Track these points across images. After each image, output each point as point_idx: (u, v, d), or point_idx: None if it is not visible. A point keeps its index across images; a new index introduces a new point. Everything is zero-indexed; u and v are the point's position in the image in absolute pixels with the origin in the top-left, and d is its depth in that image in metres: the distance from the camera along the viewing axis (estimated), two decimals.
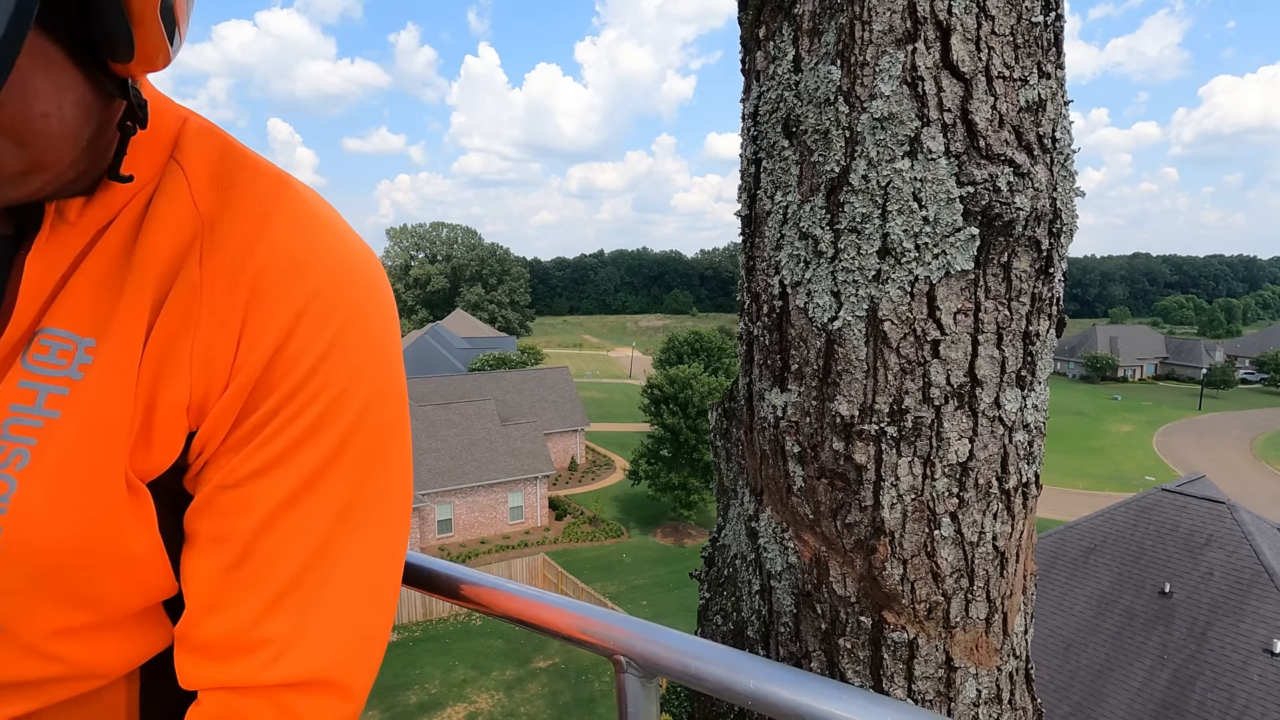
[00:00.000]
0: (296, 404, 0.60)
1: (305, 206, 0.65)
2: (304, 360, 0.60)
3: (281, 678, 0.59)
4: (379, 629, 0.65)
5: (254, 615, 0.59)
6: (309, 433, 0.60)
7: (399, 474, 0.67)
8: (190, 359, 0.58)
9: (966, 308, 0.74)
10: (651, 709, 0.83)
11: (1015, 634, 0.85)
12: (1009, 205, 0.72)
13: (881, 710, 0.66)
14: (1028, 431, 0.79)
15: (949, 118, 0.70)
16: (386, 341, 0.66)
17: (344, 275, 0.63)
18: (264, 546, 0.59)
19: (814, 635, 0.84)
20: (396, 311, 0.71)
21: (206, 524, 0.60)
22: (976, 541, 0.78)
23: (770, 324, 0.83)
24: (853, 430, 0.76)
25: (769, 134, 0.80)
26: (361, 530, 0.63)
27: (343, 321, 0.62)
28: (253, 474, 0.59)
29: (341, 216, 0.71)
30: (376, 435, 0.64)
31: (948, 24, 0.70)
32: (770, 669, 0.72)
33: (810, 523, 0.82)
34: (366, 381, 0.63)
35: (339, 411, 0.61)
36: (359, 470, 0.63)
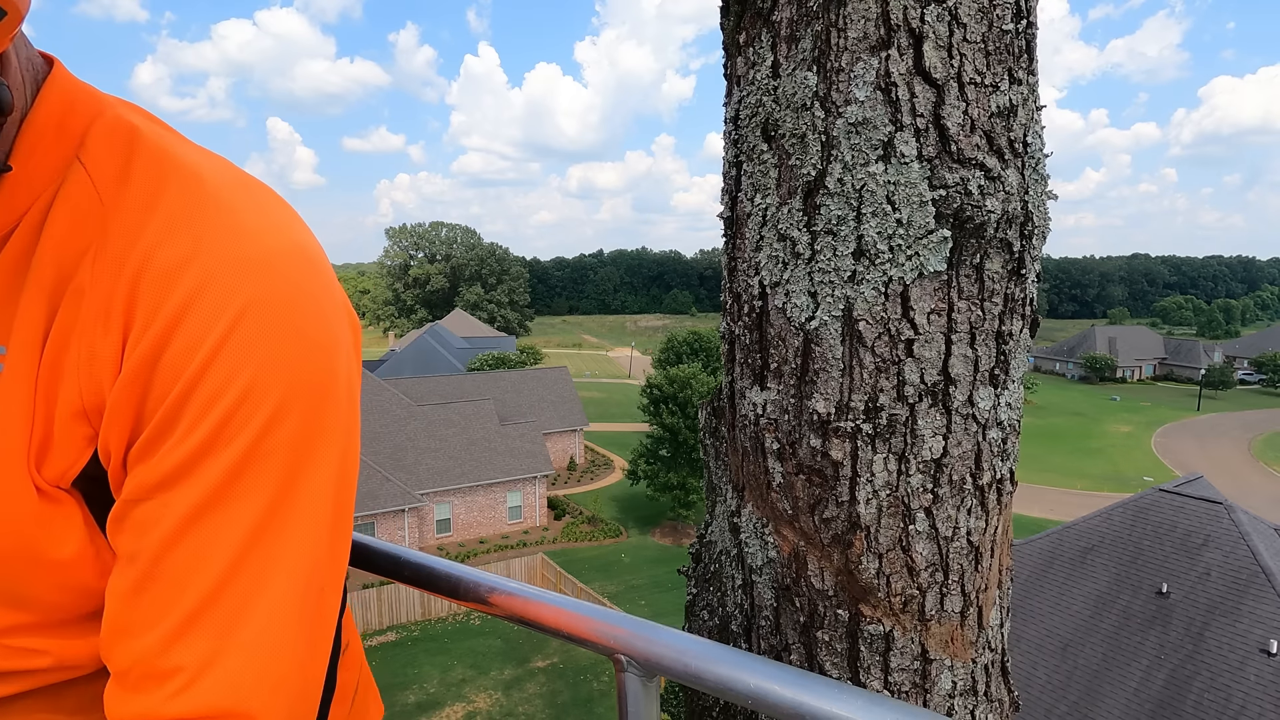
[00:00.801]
0: (196, 406, 0.55)
1: (198, 192, 0.61)
2: (195, 356, 0.55)
3: (188, 711, 0.54)
4: (305, 657, 0.60)
5: (162, 642, 0.55)
6: (214, 438, 0.55)
7: (330, 481, 0.61)
8: (78, 362, 0.57)
9: (940, 308, 0.76)
10: (652, 708, 0.84)
11: (990, 627, 0.87)
12: (980, 208, 0.73)
13: (883, 711, 0.67)
14: (1001, 429, 0.81)
15: (922, 123, 0.72)
16: (309, 332, 0.60)
17: (240, 261, 0.58)
18: (171, 566, 0.55)
19: (793, 628, 0.86)
20: (333, 301, 0.65)
21: (119, 540, 0.57)
22: (951, 536, 0.80)
23: (750, 323, 0.85)
24: (829, 427, 0.78)
25: (749, 138, 0.82)
26: (283, 547, 0.58)
27: (239, 311, 0.56)
28: (159, 485, 0.56)
29: (268, 200, 0.66)
30: (298, 438, 0.58)
31: (920, 31, 0.72)
32: (771, 668, 0.73)
33: (789, 518, 0.83)
34: (280, 377, 0.57)
35: (247, 413, 0.56)
36: (277, 478, 0.57)
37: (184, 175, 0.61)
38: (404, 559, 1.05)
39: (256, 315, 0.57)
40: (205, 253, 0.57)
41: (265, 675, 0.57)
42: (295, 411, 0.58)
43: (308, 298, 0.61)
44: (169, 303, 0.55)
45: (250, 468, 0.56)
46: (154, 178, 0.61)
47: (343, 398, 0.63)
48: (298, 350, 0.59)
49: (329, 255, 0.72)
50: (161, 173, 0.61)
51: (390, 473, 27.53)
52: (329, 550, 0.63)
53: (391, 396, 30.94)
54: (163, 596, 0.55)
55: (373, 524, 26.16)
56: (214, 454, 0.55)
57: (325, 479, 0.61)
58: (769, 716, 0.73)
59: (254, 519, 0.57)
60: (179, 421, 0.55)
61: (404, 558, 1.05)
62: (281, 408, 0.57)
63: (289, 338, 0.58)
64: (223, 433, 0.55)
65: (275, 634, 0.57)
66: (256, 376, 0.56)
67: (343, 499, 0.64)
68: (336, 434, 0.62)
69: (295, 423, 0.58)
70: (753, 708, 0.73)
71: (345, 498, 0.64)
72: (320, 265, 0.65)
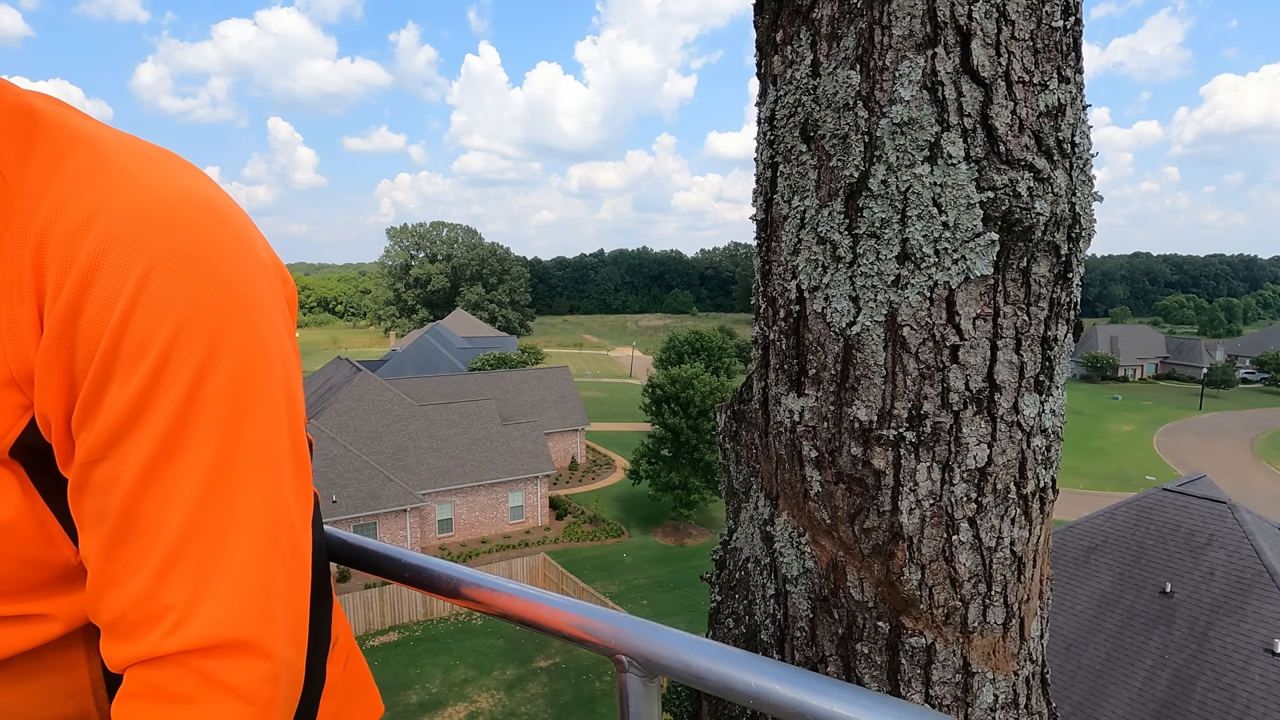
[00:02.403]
0: (125, 360, 0.57)
1: (95, 158, 0.61)
2: (113, 310, 0.56)
3: (187, 643, 0.57)
4: (285, 582, 0.63)
5: (148, 586, 0.58)
6: (151, 387, 0.57)
7: (278, 418, 0.63)
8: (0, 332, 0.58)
9: (985, 313, 0.74)
10: (653, 708, 0.83)
11: (1032, 638, 0.85)
12: (1029, 210, 0.72)
13: (883, 709, 0.66)
14: (1045, 436, 0.79)
15: (969, 123, 0.70)
16: (225, 276, 0.61)
17: (143, 214, 0.58)
18: (141, 515, 0.58)
19: (830, 640, 0.84)
20: (247, 251, 0.65)
21: (85, 503, 0.59)
22: (994, 547, 0.78)
23: (787, 328, 0.83)
24: (871, 435, 0.76)
25: (786, 138, 0.80)
26: (242, 482, 0.60)
27: (150, 261, 0.57)
28: (109, 443, 0.57)
29: (170, 162, 0.66)
30: (236, 376, 0.60)
31: (968, 29, 0.70)
32: (772, 668, 0.72)
33: (827, 528, 0.82)
34: (205, 320, 0.59)
35: (180, 358, 0.58)
36: (223, 416, 0.59)
37: (82, 144, 0.62)
38: (404, 560, 1.04)
39: (169, 264, 0.58)
40: (106, 211, 0.58)
41: (253, 604, 0.59)
42: (228, 351, 0.60)
43: (218, 244, 0.61)
44: (77, 262, 0.56)
45: (195, 409, 0.58)
46: (53, 151, 0.61)
47: (271, 341, 0.64)
48: (217, 294, 0.60)
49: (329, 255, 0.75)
50: (59, 146, 0.62)
51: (392, 473, 27.52)
52: (293, 485, 0.65)
53: (393, 396, 30.93)
54: (138, 545, 0.58)
55: (374, 524, 26.15)
56: (155, 402, 0.57)
57: (273, 415, 0.63)
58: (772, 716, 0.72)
59: (210, 458, 0.59)
60: (112, 377, 0.57)
61: (405, 560, 1.04)
62: (212, 348, 0.59)
63: (206, 282, 0.59)
64: (159, 381, 0.57)
65: (255, 566, 0.60)
66: (182, 322, 0.57)
67: (296, 437, 0.66)
68: (275, 373, 0.63)
69: (230, 362, 0.60)
70: (754, 708, 0.71)
71: (298, 436, 0.66)
72: (229, 215, 0.65)
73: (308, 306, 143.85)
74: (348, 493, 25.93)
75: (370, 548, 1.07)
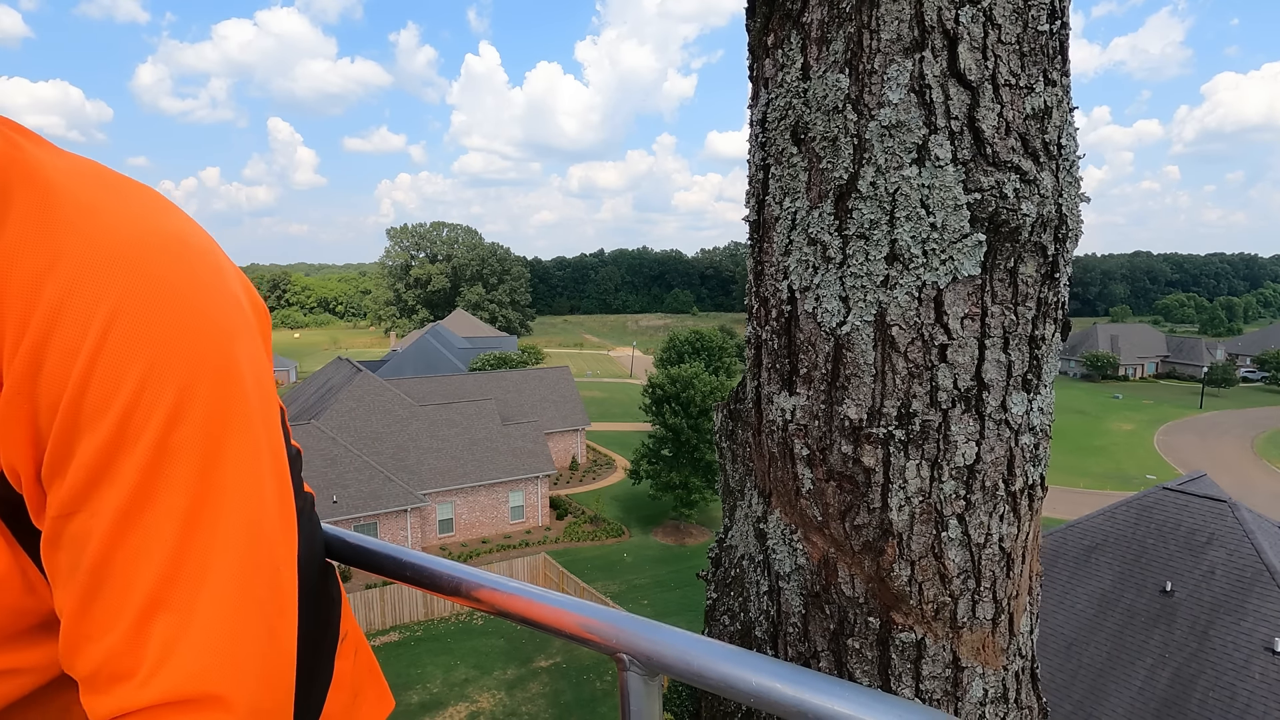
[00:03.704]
0: (89, 412, 0.55)
1: (47, 196, 0.58)
2: (75, 363, 0.54)
3: (157, 698, 0.56)
4: (262, 627, 0.61)
5: (121, 641, 0.56)
6: (118, 438, 0.55)
7: (257, 460, 0.62)
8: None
9: (973, 312, 0.75)
10: (654, 707, 0.83)
11: (1021, 634, 0.86)
12: (1015, 211, 0.73)
13: (883, 707, 0.67)
14: (1034, 434, 0.80)
15: (956, 125, 0.71)
16: (194, 319, 0.58)
17: (103, 258, 0.56)
18: (114, 568, 0.56)
19: (822, 636, 0.85)
20: (218, 286, 0.62)
21: (59, 556, 0.58)
22: (983, 543, 0.79)
23: (779, 328, 0.84)
24: (861, 433, 0.77)
25: (777, 140, 0.81)
26: (221, 530, 0.59)
27: (112, 309, 0.55)
28: (79, 496, 0.56)
29: (131, 191, 0.63)
30: (209, 421, 0.58)
31: (955, 33, 0.71)
32: (772, 666, 0.73)
33: (819, 524, 0.83)
34: (174, 365, 0.57)
35: (148, 407, 0.56)
36: (196, 463, 0.58)
37: (32, 181, 0.59)
38: (406, 560, 1.05)
39: (133, 307, 0.56)
40: (64, 257, 0.55)
41: (226, 656, 0.58)
42: (200, 396, 0.58)
43: (186, 281, 0.59)
44: (36, 316, 0.54)
45: (166, 459, 0.56)
46: (1, 189, 0.58)
47: (248, 380, 0.62)
48: (186, 334, 0.58)
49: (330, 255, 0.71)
50: (6, 183, 0.58)
51: (392, 473, 27.55)
52: (277, 519, 0.63)
53: (393, 397, 30.95)
54: (113, 599, 0.56)
55: (375, 524, 26.17)
56: (124, 452, 0.55)
57: (252, 452, 0.61)
58: (771, 714, 0.73)
59: (184, 506, 0.57)
60: (79, 430, 0.55)
61: (406, 559, 1.05)
62: (183, 391, 0.57)
63: (174, 323, 0.57)
64: (127, 430, 0.55)
65: (229, 616, 0.58)
66: (149, 367, 0.56)
67: (278, 469, 0.64)
68: (252, 414, 0.61)
69: (202, 406, 0.58)
70: (755, 706, 0.72)
71: (279, 468, 0.64)
72: (198, 250, 0.62)
73: (308, 307, 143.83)
74: (348, 493, 25.95)
75: (371, 547, 1.08)
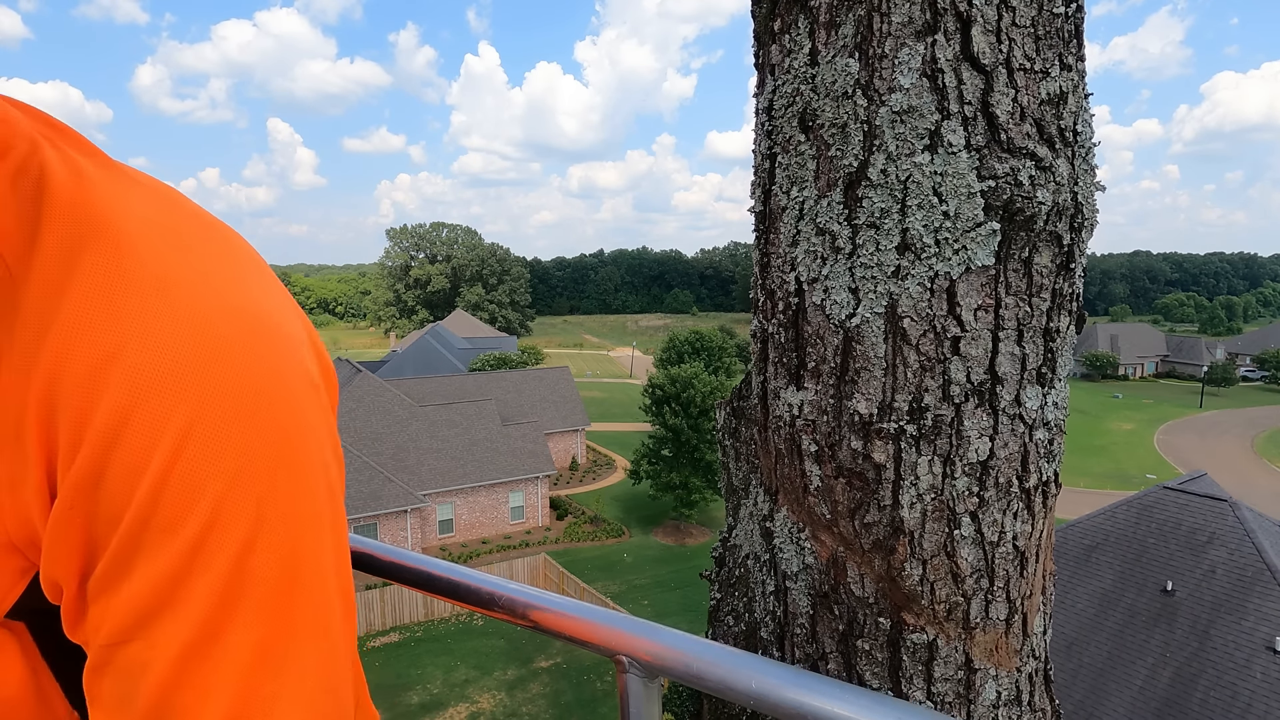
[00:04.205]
0: (157, 530, 0.48)
1: (118, 261, 0.49)
2: (142, 477, 0.47)
3: None
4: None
5: None
6: (188, 563, 0.48)
7: (327, 568, 0.55)
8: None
9: (987, 304, 0.73)
10: (653, 709, 0.82)
11: (1035, 635, 0.84)
12: (1031, 199, 0.70)
13: (884, 709, 0.66)
14: (1048, 429, 0.78)
15: (970, 110, 0.69)
16: (277, 420, 0.51)
17: (180, 350, 0.48)
18: (176, 705, 0.49)
19: (831, 637, 0.83)
20: (292, 360, 0.54)
21: (105, 684, 0.51)
22: (997, 541, 0.77)
23: (786, 321, 0.82)
24: (871, 429, 0.75)
25: (784, 128, 0.79)
26: (291, 658, 0.52)
27: (189, 417, 0.47)
28: (138, 623, 0.49)
29: (206, 251, 0.54)
30: (286, 538, 0.51)
31: (968, 15, 0.69)
32: (772, 668, 0.72)
33: (828, 523, 0.80)
34: (253, 480, 0.49)
35: (224, 529, 0.48)
36: (273, 589, 0.51)
37: (103, 236, 0.50)
38: (406, 561, 1.04)
39: (213, 414, 0.48)
40: (132, 344, 0.47)
41: None
42: (278, 506, 0.50)
43: (268, 380, 0.51)
44: (98, 415, 0.47)
45: (242, 584, 0.49)
46: (67, 242, 0.49)
47: (317, 469, 0.54)
48: (267, 442, 0.50)
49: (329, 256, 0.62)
50: (75, 235, 0.49)
51: (392, 473, 27.51)
52: (342, 643, 0.55)
53: (393, 397, 30.92)
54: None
55: (375, 525, 26.14)
56: (195, 578, 0.48)
57: (322, 564, 0.54)
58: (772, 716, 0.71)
59: (257, 639, 0.50)
60: (142, 548, 0.48)
61: (405, 561, 1.04)
62: (261, 507, 0.50)
63: (256, 429, 0.49)
64: (200, 554, 0.48)
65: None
66: (228, 484, 0.48)
67: (343, 575, 0.56)
68: (324, 513, 0.54)
69: (278, 523, 0.50)
70: (755, 708, 0.71)
71: (344, 572, 0.57)
72: (276, 329, 0.54)
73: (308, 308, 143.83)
74: (348, 494, 25.93)
75: (371, 549, 1.07)
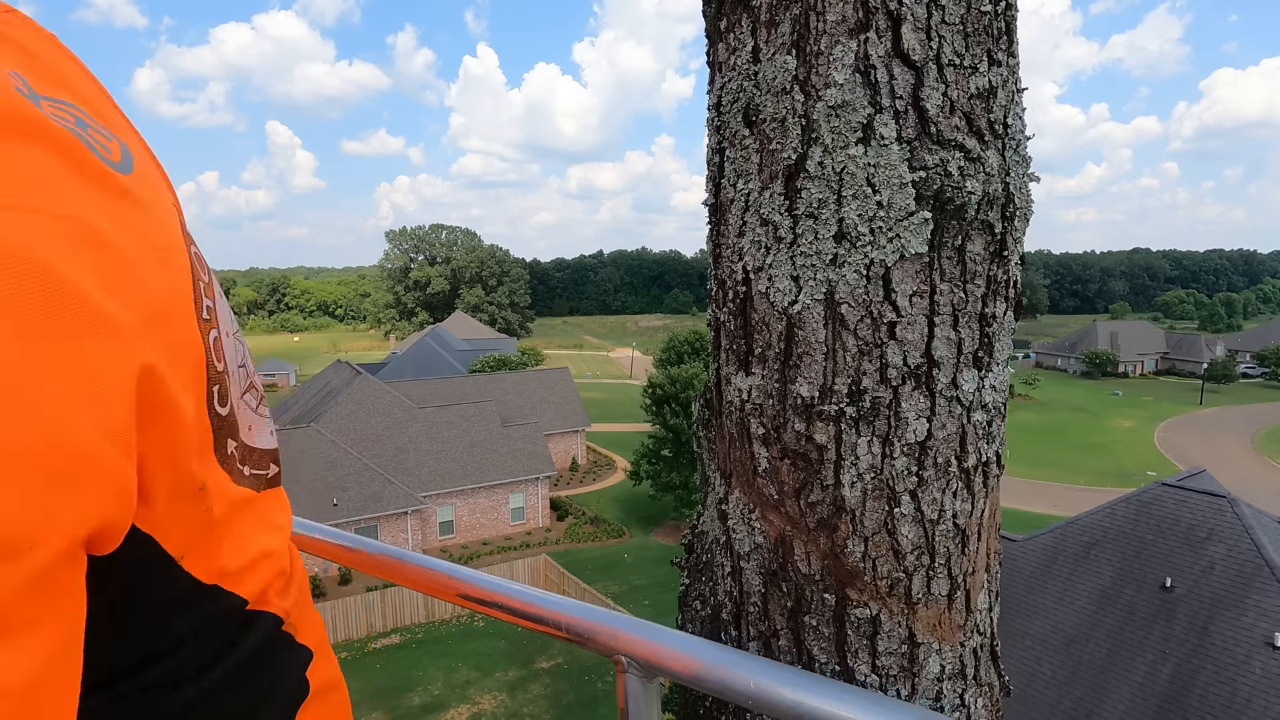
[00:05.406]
0: None
1: None
2: None
3: None
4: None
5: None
6: None
7: None
8: None
9: (922, 290, 0.76)
10: (653, 709, 0.84)
11: (979, 611, 0.87)
12: (960, 189, 0.73)
13: (884, 710, 0.66)
14: (986, 411, 0.81)
15: (901, 105, 0.72)
16: None
17: None
18: None
19: (781, 614, 0.86)
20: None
21: None
22: (936, 519, 0.80)
23: (735, 309, 0.85)
24: (813, 411, 0.78)
25: (731, 123, 0.82)
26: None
27: None
28: None
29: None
30: None
31: (898, 14, 0.72)
32: (772, 669, 0.73)
33: (775, 503, 0.83)
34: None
35: None
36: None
37: None
38: (406, 562, 1.05)
39: None
40: None
41: None
42: None
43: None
44: None
45: None
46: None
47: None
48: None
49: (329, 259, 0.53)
50: None
51: (393, 475, 27.54)
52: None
53: (393, 399, 30.96)
54: None
55: (375, 526, 26.16)
56: None
57: None
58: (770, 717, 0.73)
59: None
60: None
61: (407, 560, 1.06)
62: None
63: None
64: None
65: None
66: None
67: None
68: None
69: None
70: (753, 708, 0.72)
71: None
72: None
73: (307, 310, 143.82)
74: (349, 496, 25.95)
75: (372, 550, 1.09)
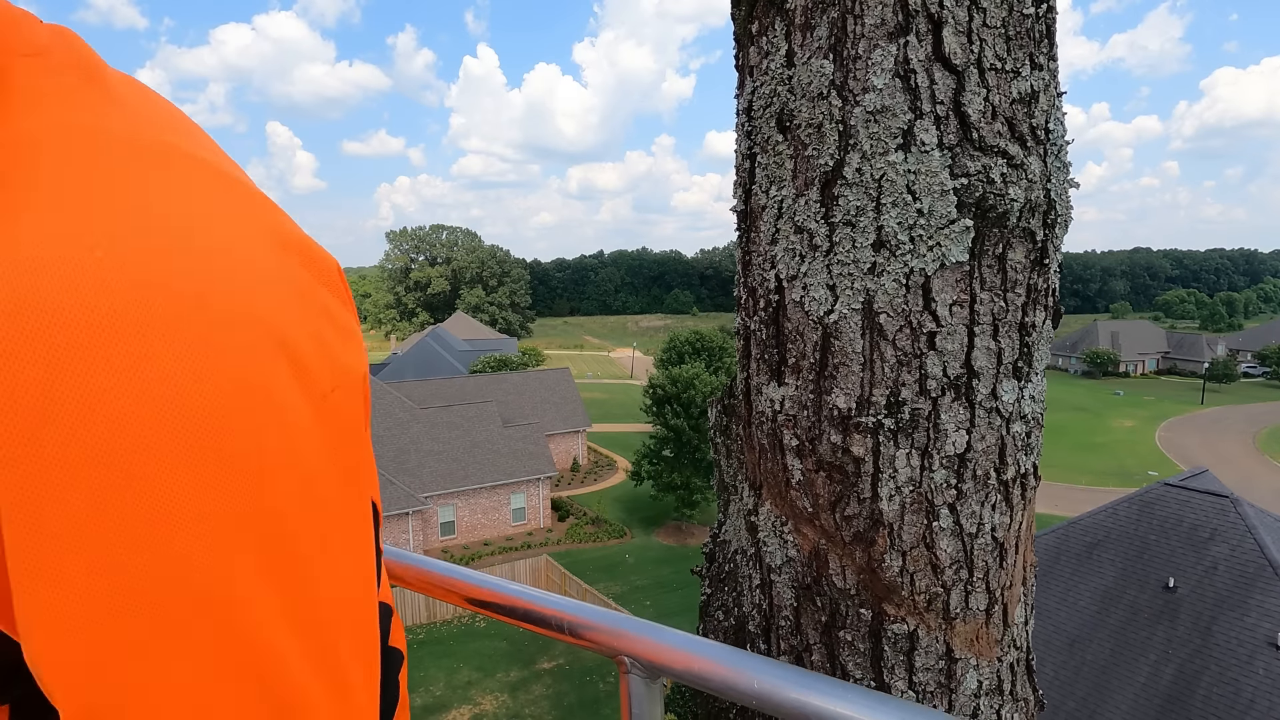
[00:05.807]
0: None
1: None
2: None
3: None
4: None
5: None
6: None
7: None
8: None
9: (962, 299, 0.74)
10: (655, 709, 0.83)
11: (1016, 625, 0.86)
12: (1003, 197, 0.72)
13: (886, 709, 0.66)
14: (1025, 422, 0.79)
15: (942, 110, 0.71)
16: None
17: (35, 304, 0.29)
18: None
19: (814, 628, 0.84)
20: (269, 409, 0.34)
21: None
22: (975, 533, 0.78)
23: (767, 318, 0.83)
24: (850, 423, 0.76)
25: (763, 129, 0.81)
26: None
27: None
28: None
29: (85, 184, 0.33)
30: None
31: (939, 17, 0.70)
32: (774, 668, 0.72)
33: (809, 516, 0.82)
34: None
35: None
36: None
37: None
38: (408, 563, 1.04)
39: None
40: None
41: None
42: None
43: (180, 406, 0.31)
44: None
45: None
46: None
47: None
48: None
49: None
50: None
51: (394, 476, 27.53)
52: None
53: (394, 400, 30.94)
54: None
55: None
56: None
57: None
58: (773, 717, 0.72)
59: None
60: None
61: (408, 561, 1.05)
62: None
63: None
64: None
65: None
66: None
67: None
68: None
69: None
70: (757, 708, 0.72)
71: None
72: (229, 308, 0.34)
73: None
74: None
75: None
